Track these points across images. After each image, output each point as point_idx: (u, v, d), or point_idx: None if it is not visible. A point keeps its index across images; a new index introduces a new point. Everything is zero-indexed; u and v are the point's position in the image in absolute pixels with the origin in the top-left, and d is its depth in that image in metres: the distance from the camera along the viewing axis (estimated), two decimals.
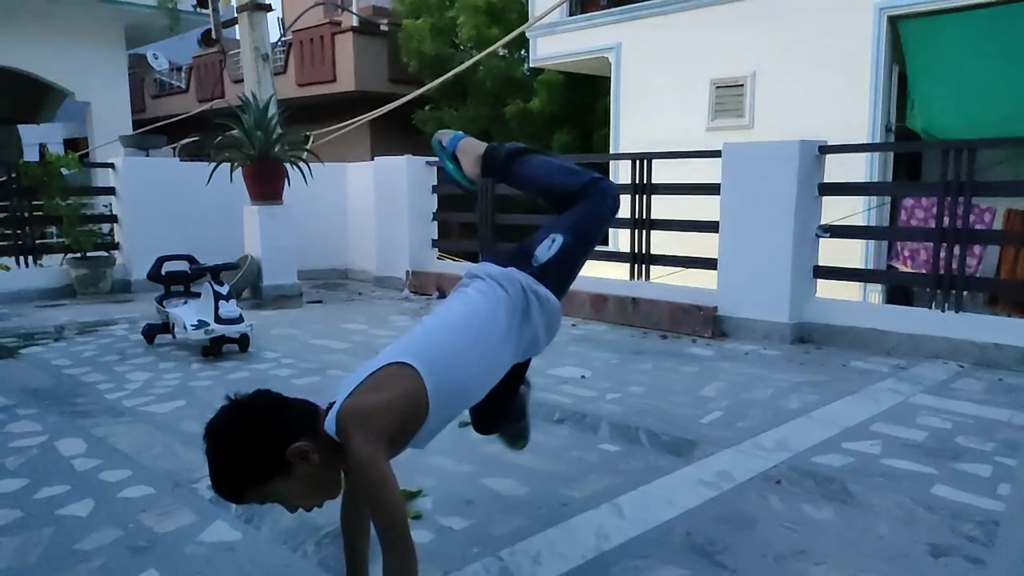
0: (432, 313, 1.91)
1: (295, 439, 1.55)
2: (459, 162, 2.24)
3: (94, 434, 3.20)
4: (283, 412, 1.61)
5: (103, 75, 12.59)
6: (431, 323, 1.84)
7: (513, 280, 1.90)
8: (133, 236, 7.52)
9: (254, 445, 1.54)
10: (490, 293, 1.87)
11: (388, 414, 1.58)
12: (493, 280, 1.90)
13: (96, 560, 2.13)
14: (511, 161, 2.16)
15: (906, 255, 7.85)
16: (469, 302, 1.87)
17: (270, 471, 1.55)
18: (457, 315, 1.83)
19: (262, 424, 1.56)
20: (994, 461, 2.85)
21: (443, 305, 1.92)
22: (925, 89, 7.68)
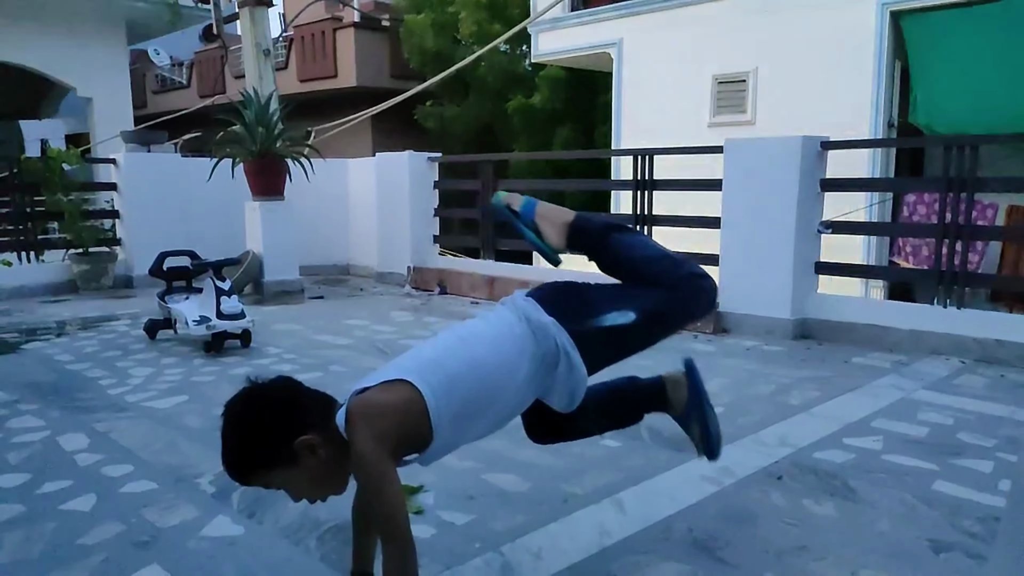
0: (457, 335, 1.78)
1: (305, 431, 1.55)
2: (540, 231, 2.00)
3: (96, 429, 3.20)
4: (296, 402, 1.61)
5: (104, 71, 12.57)
6: (450, 345, 1.73)
7: (548, 336, 1.74)
8: (135, 232, 7.53)
9: (262, 431, 1.56)
10: (520, 338, 1.73)
11: (394, 416, 1.57)
12: (528, 327, 1.74)
13: (98, 555, 2.13)
14: (605, 237, 1.95)
15: (908, 251, 7.84)
16: (497, 345, 1.72)
17: (276, 459, 1.56)
18: (478, 351, 1.70)
19: (273, 412, 1.57)
20: (995, 457, 2.85)
21: (470, 328, 1.80)
22: (928, 85, 7.66)
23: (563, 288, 1.86)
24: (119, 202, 7.74)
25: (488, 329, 1.77)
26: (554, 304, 1.79)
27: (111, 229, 7.81)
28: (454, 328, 1.83)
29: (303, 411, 1.60)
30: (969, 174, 4.48)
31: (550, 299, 1.81)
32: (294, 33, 16.46)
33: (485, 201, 7.03)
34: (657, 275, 1.86)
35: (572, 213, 2.00)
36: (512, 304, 1.83)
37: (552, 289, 1.86)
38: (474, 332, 1.77)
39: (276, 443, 1.55)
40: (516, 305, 1.81)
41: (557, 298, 1.82)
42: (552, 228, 1.99)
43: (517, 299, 1.84)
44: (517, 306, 1.80)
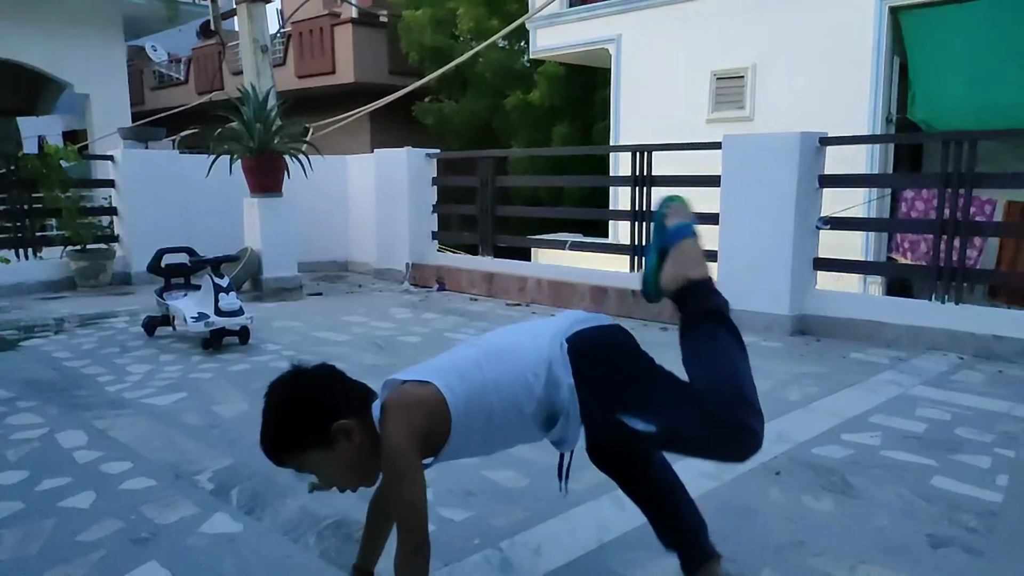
0: (486, 349, 1.72)
1: (342, 416, 1.58)
2: (665, 260, 1.74)
3: (95, 426, 3.20)
4: (337, 388, 1.65)
5: (102, 67, 12.54)
6: (478, 359, 1.68)
7: (559, 396, 1.62)
8: (133, 228, 7.52)
9: (301, 411, 1.58)
10: (537, 377, 1.62)
11: (424, 414, 1.58)
12: (546, 374, 1.62)
13: (97, 552, 2.13)
14: (706, 319, 1.69)
15: (906, 247, 7.85)
16: (518, 373, 1.63)
17: (312, 440, 1.57)
18: (501, 372, 1.64)
19: (314, 393, 1.61)
20: (993, 453, 2.86)
21: (502, 343, 1.73)
22: (926, 80, 7.66)
23: (609, 350, 1.66)
24: (117, 199, 7.73)
25: (518, 350, 1.67)
26: (589, 364, 1.63)
27: (109, 226, 7.80)
28: (488, 338, 1.78)
29: (343, 396, 1.63)
30: (967, 170, 4.48)
31: (589, 355, 1.64)
32: (292, 29, 16.42)
33: (484, 197, 7.03)
34: (713, 397, 1.58)
35: (706, 272, 1.73)
36: (552, 335, 1.66)
37: (600, 341, 1.68)
38: (505, 349, 1.70)
39: (314, 424, 1.57)
40: (552, 341, 1.65)
41: (596, 359, 1.64)
42: (675, 269, 1.72)
43: (558, 333, 1.66)
44: (551, 344, 1.64)
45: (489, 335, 1.80)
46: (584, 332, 1.67)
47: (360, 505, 2.41)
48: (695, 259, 1.74)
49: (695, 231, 1.76)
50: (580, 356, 1.63)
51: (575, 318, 1.72)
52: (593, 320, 1.73)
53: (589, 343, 1.66)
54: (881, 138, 7.84)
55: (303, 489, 2.53)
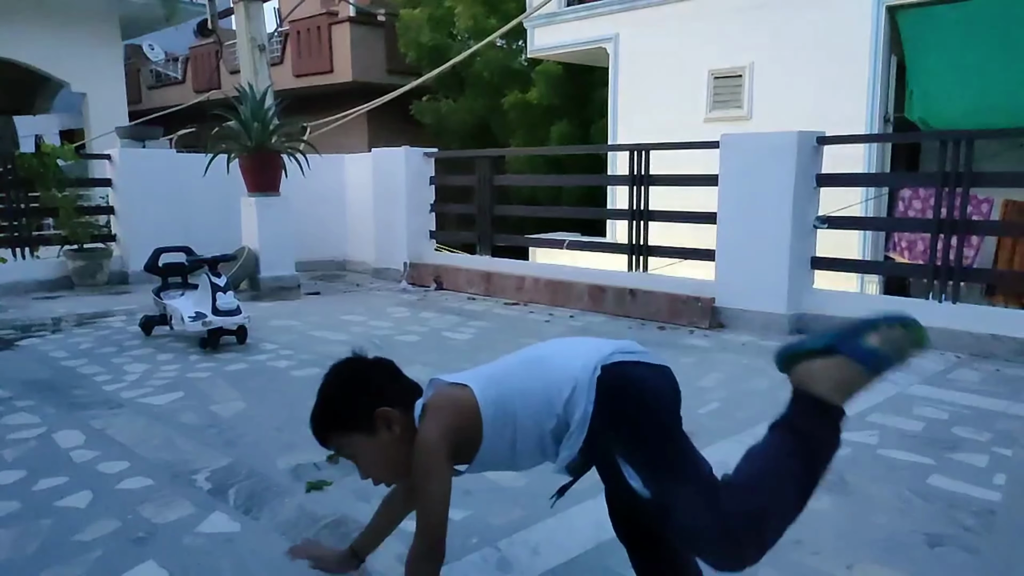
0: (523, 359, 1.71)
1: (388, 405, 1.62)
2: (824, 355, 1.56)
3: (92, 426, 3.20)
4: (387, 378, 1.69)
5: (99, 66, 12.51)
6: (512, 369, 1.68)
7: (570, 419, 1.57)
8: (130, 227, 7.50)
9: (349, 392, 1.64)
10: (560, 394, 1.57)
11: (460, 417, 1.60)
12: (568, 393, 1.56)
13: (95, 551, 2.13)
14: (809, 443, 1.57)
15: (903, 246, 7.86)
16: (549, 386, 1.59)
17: (355, 423, 1.62)
18: (533, 383, 1.62)
19: (364, 375, 1.67)
20: (991, 451, 2.86)
21: (540, 355, 1.69)
22: (923, 79, 7.67)
23: (639, 400, 1.53)
24: (114, 198, 7.71)
25: (552, 364, 1.63)
26: (611, 403, 1.52)
27: (106, 225, 7.78)
28: (531, 348, 1.75)
29: (391, 386, 1.67)
30: (965, 168, 4.48)
31: (616, 396, 1.53)
32: (289, 28, 16.41)
33: (482, 196, 7.03)
34: (734, 501, 1.44)
35: (844, 403, 1.58)
36: (590, 358, 1.58)
37: (635, 386, 1.55)
38: (540, 360, 1.67)
39: (358, 406, 1.61)
40: (586, 364, 1.56)
41: (621, 402, 1.53)
42: (824, 379, 1.57)
43: (597, 358, 1.57)
44: (584, 367, 1.56)
45: (535, 346, 1.77)
46: (624, 367, 1.56)
47: (358, 505, 2.42)
48: (850, 386, 1.54)
49: (882, 370, 1.53)
50: (606, 391, 1.53)
51: (621, 346, 1.62)
52: (640, 355, 1.61)
53: (621, 382, 1.54)
54: (878, 137, 7.85)
55: (301, 489, 2.54)
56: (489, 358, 1.94)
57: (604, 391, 1.53)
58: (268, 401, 3.56)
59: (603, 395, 1.53)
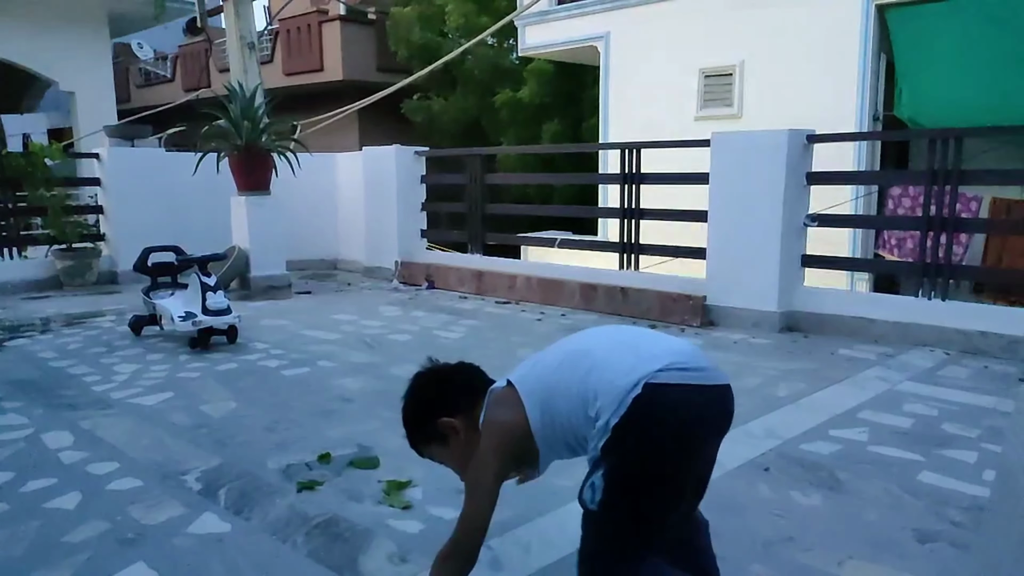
0: (566, 350, 1.67)
1: (451, 413, 1.68)
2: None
3: (81, 426, 3.17)
4: (449, 387, 1.74)
5: (87, 64, 12.42)
6: (561, 364, 1.63)
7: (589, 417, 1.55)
8: (119, 227, 7.46)
9: (414, 405, 1.75)
10: (589, 390, 1.55)
11: (508, 437, 1.62)
12: (592, 390, 1.54)
13: (83, 553, 2.12)
14: None
15: (893, 243, 7.90)
16: (584, 380, 1.56)
17: (426, 433, 1.72)
18: (572, 376, 1.59)
19: (424, 392, 1.75)
20: (980, 447, 2.88)
21: (584, 349, 1.64)
22: (912, 78, 7.71)
23: (660, 443, 1.48)
24: (103, 197, 7.66)
25: (596, 362, 1.57)
26: (637, 428, 1.47)
27: (95, 224, 7.73)
28: (582, 337, 1.71)
29: (456, 395, 1.71)
30: (953, 167, 4.51)
31: (648, 421, 1.46)
32: (279, 26, 16.33)
33: (473, 195, 7.02)
34: None
35: None
36: (632, 368, 1.50)
37: (668, 422, 1.48)
38: (587, 353, 1.61)
39: (423, 418, 1.71)
40: (629, 374, 1.48)
41: (645, 434, 1.47)
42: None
43: (644, 370, 1.48)
44: (628, 376, 1.48)
45: (588, 333, 1.73)
46: (668, 393, 1.46)
47: (349, 505, 2.41)
48: None
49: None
50: (637, 414, 1.45)
51: (676, 359, 1.50)
52: (695, 374, 1.50)
53: (655, 411, 1.45)
54: (868, 135, 7.88)
55: (291, 489, 2.53)
56: (480, 357, 1.94)
57: (635, 412, 1.45)
58: (259, 401, 3.55)
59: (632, 415, 1.46)
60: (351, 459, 2.78)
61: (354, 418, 3.28)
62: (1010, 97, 7.03)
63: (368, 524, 2.26)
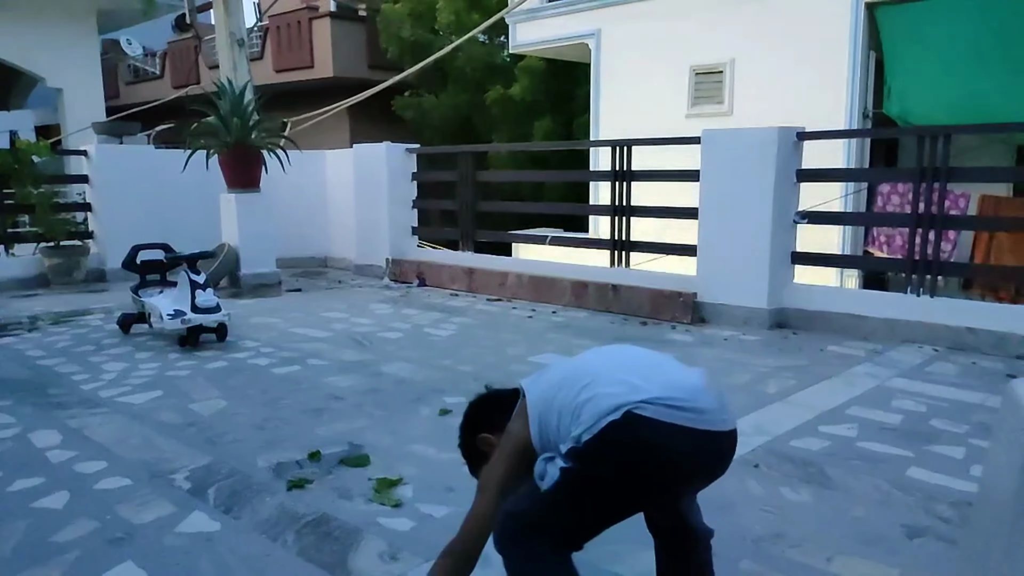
0: (573, 367, 1.67)
1: (489, 431, 1.74)
2: None
3: (69, 425, 3.15)
4: (490, 407, 1.80)
5: (75, 61, 12.33)
6: (562, 383, 1.62)
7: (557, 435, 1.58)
8: (108, 224, 7.41)
9: (461, 427, 1.84)
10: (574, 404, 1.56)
11: (516, 452, 1.66)
12: (575, 409, 1.55)
13: (72, 552, 2.10)
14: None
15: (882, 240, 7.93)
16: (577, 398, 1.56)
17: (472, 452, 1.80)
18: (565, 396, 1.59)
19: (469, 412, 1.84)
20: (968, 443, 2.90)
21: (583, 370, 1.62)
22: (901, 75, 7.74)
23: (620, 470, 1.48)
24: (91, 195, 7.61)
25: (593, 378, 1.56)
26: (605, 451, 1.46)
27: (83, 222, 7.68)
28: (584, 362, 1.69)
29: (495, 413, 1.75)
30: (942, 164, 4.53)
31: (617, 448, 1.46)
32: (269, 23, 16.24)
33: (465, 192, 7.01)
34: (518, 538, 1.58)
35: None
36: (622, 391, 1.48)
37: (637, 459, 1.47)
38: (590, 374, 1.59)
39: (466, 437, 1.81)
40: (615, 397, 1.47)
41: (610, 458, 1.47)
42: None
43: (623, 395, 1.47)
44: (612, 399, 1.47)
45: (596, 353, 1.72)
46: (646, 426, 1.43)
47: (339, 503, 2.40)
48: None
49: None
50: (609, 437, 1.44)
51: (673, 395, 1.46)
52: (687, 415, 1.44)
53: (626, 440, 1.44)
54: (857, 133, 7.91)
55: (282, 487, 2.52)
56: (472, 355, 1.94)
57: (605, 435, 1.45)
58: (249, 399, 3.53)
59: (602, 437, 1.45)
60: (341, 457, 2.77)
61: (345, 416, 3.27)
62: (997, 94, 7.07)
63: (358, 522, 2.26)
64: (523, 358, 4.26)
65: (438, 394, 3.54)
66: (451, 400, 3.41)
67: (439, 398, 3.47)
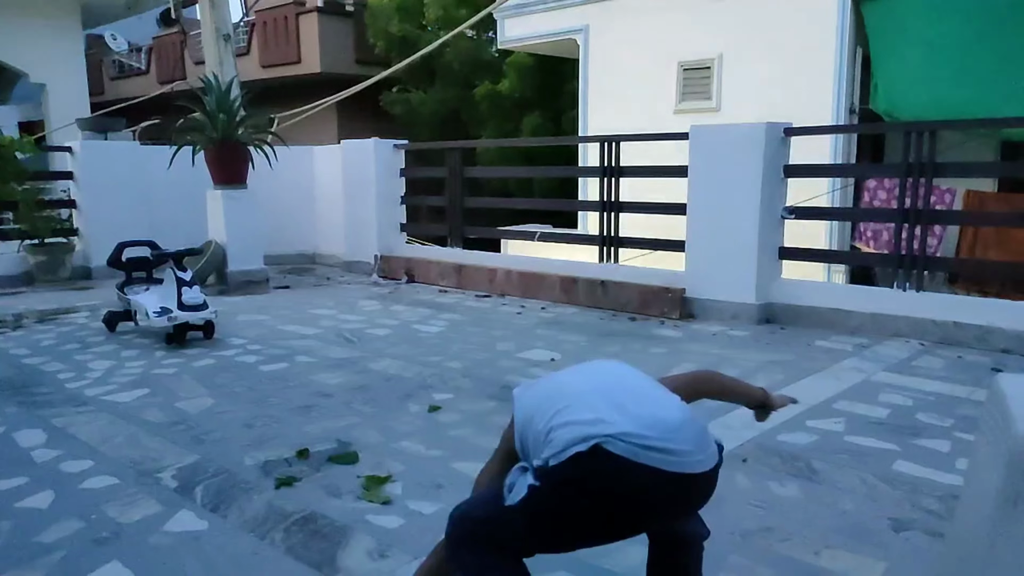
0: (558, 383, 1.64)
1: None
2: None
3: (54, 424, 3.13)
4: None
5: (59, 56, 12.21)
6: (544, 397, 1.59)
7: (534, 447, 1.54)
8: (93, 221, 7.34)
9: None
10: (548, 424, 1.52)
11: (507, 447, 1.68)
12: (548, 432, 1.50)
13: (57, 552, 2.08)
14: None
15: (869, 236, 7.97)
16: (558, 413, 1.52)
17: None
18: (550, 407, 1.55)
19: None
20: (953, 437, 2.92)
21: (564, 389, 1.59)
22: (888, 71, 7.77)
23: (578, 514, 1.45)
24: (76, 191, 7.54)
25: (570, 399, 1.52)
26: (568, 481, 1.42)
27: (68, 219, 7.61)
28: (565, 381, 1.64)
29: None
30: (928, 159, 4.55)
31: (579, 483, 1.42)
32: (255, 18, 16.13)
33: (453, 188, 6.99)
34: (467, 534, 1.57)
35: None
36: (595, 420, 1.42)
37: (596, 495, 1.42)
38: (565, 394, 1.55)
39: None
40: (587, 426, 1.41)
41: (569, 493, 1.43)
42: None
43: (596, 425, 1.41)
44: (584, 428, 1.41)
45: (590, 370, 1.68)
46: (612, 461, 1.36)
47: (328, 500, 2.40)
48: None
49: None
50: (573, 470, 1.39)
51: (645, 434, 1.39)
52: (655, 452, 1.37)
53: (589, 478, 1.39)
54: (844, 128, 7.94)
55: (270, 485, 2.51)
56: (460, 351, 1.93)
57: (569, 466, 1.39)
58: (236, 397, 3.51)
59: (566, 467, 1.39)
60: (330, 455, 2.76)
61: (333, 413, 3.26)
62: (981, 90, 7.11)
63: (347, 520, 2.25)
64: (512, 354, 4.25)
65: (427, 391, 3.53)
66: (440, 397, 3.41)
67: (428, 395, 3.46)
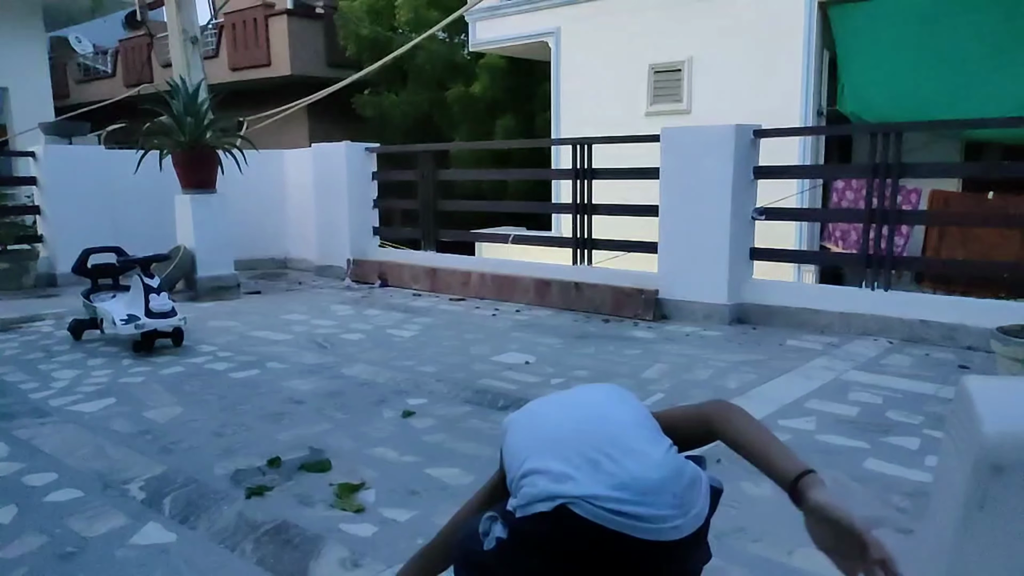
0: (526, 417, 1.53)
1: None
2: None
3: (17, 436, 3.05)
4: None
5: (21, 59, 11.96)
6: (524, 434, 1.49)
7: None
8: (57, 228, 7.19)
9: None
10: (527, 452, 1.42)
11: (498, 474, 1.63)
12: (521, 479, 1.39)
13: (19, 569, 2.03)
14: None
15: (838, 236, 8.09)
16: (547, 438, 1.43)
17: None
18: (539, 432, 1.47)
19: None
20: (922, 434, 2.96)
21: (542, 421, 1.49)
22: (855, 74, 7.89)
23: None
24: (39, 197, 7.38)
25: (543, 447, 1.40)
26: (518, 533, 1.33)
27: (32, 225, 7.45)
28: (549, 404, 1.55)
29: None
30: (894, 160, 4.63)
31: (527, 534, 1.32)
32: (224, 20, 15.95)
33: (426, 191, 6.96)
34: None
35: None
36: (570, 476, 1.29)
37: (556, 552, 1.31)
38: (540, 428, 1.47)
39: None
40: (560, 480, 1.29)
41: (520, 544, 1.34)
42: None
43: (572, 483, 1.27)
44: (557, 482, 1.29)
45: (577, 405, 1.53)
46: (576, 523, 1.24)
47: (299, 510, 2.36)
48: None
49: None
50: (528, 529, 1.29)
51: (626, 487, 1.26)
52: (625, 518, 1.23)
53: (546, 542, 1.28)
54: (812, 130, 8.04)
55: (240, 495, 2.47)
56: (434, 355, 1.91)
57: (532, 523, 1.28)
58: (206, 405, 3.46)
59: (528, 524, 1.29)
60: (302, 463, 2.72)
61: (305, 420, 3.22)
62: (945, 92, 7.25)
63: (319, 529, 2.22)
64: (487, 358, 4.24)
65: (401, 396, 3.51)
66: (414, 402, 3.38)
67: (402, 400, 3.44)
